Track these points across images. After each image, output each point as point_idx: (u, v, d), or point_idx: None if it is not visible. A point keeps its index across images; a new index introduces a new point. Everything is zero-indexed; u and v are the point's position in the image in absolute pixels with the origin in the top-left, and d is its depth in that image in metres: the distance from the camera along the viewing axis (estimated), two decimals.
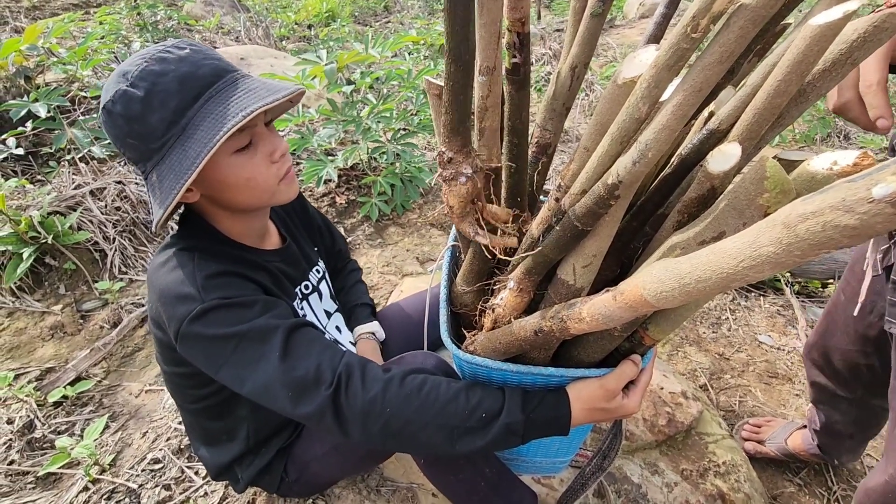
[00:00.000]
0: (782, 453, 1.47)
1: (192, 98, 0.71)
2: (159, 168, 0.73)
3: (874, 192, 0.23)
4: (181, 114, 0.71)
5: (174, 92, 0.70)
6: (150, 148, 0.72)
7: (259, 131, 0.79)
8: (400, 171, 2.56)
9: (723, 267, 0.33)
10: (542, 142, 0.86)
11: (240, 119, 0.69)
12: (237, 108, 0.70)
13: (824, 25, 0.43)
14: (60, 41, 3.14)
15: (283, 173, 0.82)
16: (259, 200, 0.83)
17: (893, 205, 0.23)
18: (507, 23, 0.59)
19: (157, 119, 0.70)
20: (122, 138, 0.73)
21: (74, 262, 1.96)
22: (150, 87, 0.69)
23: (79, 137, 2.36)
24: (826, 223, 0.26)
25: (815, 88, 0.53)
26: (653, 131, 0.43)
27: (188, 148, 0.70)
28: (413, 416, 0.71)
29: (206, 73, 0.73)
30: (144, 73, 0.69)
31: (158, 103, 0.70)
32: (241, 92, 0.73)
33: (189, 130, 0.71)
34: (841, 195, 0.25)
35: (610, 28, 6.18)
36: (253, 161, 0.78)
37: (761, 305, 2.09)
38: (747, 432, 1.55)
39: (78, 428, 1.49)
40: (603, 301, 0.49)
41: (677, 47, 0.39)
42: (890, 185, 0.23)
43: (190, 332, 0.73)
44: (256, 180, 0.79)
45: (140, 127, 0.71)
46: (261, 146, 0.79)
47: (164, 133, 0.71)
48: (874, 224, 0.24)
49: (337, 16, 6.16)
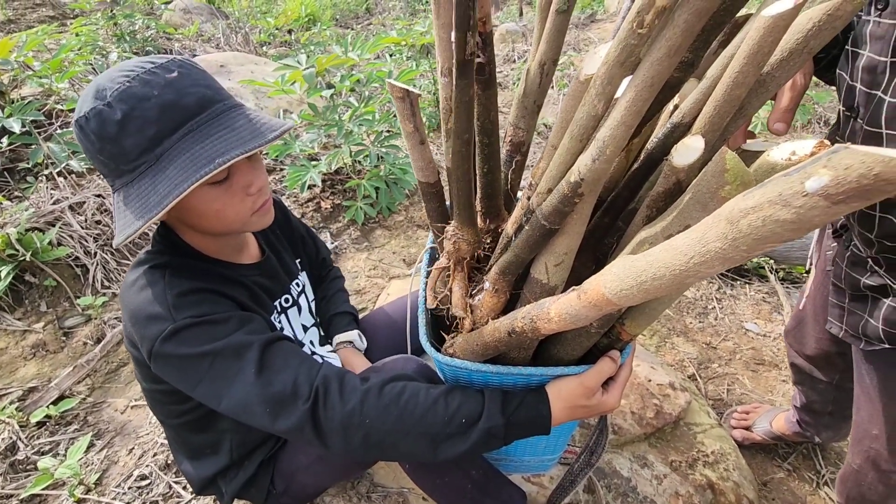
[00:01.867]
0: (769, 436, 1.48)
1: (171, 129, 0.67)
2: (127, 190, 0.70)
3: (807, 186, 0.23)
4: (157, 142, 0.67)
5: (153, 120, 0.66)
6: (121, 169, 0.70)
7: (238, 164, 0.75)
8: (384, 173, 2.55)
9: (675, 264, 0.33)
10: (515, 140, 0.86)
11: (216, 166, 0.65)
12: (216, 151, 0.67)
13: (777, 16, 0.43)
14: (36, 54, 3.08)
15: (257, 206, 0.79)
16: (228, 229, 0.80)
17: (826, 198, 0.22)
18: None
19: (131, 143, 0.67)
20: (94, 154, 0.70)
21: (55, 279, 1.93)
22: (128, 111, 0.65)
23: (55, 152, 2.32)
24: (766, 218, 0.25)
25: (774, 78, 0.53)
26: (609, 128, 0.43)
27: (158, 183, 0.67)
28: (393, 426, 0.70)
29: (189, 102, 0.68)
30: (125, 94, 0.65)
31: (135, 129, 0.66)
32: (223, 130, 0.69)
33: (163, 162, 0.67)
34: (778, 189, 0.25)
35: (591, 23, 6.21)
36: (227, 194, 0.75)
37: (747, 293, 2.10)
38: (736, 420, 1.56)
39: (62, 448, 1.46)
40: (568, 300, 0.49)
41: (626, 43, 0.39)
42: (822, 177, 0.22)
43: (162, 352, 0.72)
44: (226, 212, 0.76)
45: (112, 148, 0.68)
46: (237, 178, 0.75)
47: (137, 158, 0.68)
48: (811, 217, 0.24)
49: (318, 20, 6.13)
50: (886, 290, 0.81)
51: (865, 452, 0.97)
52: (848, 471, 1.04)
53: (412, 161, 0.72)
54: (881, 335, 0.83)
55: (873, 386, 0.91)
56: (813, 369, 1.24)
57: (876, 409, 0.92)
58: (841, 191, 0.22)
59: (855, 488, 1.03)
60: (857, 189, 0.21)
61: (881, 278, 0.81)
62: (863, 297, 0.87)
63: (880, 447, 0.93)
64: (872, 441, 0.95)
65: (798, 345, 1.24)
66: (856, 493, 1.03)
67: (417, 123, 0.65)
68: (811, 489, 1.44)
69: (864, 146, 0.21)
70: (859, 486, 1.02)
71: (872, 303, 0.85)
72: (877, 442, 0.94)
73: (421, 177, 0.74)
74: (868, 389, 0.93)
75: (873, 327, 0.84)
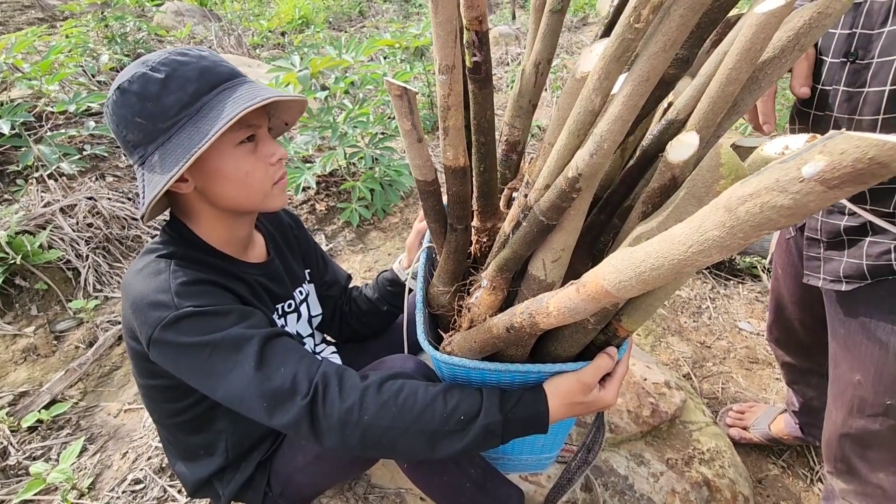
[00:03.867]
0: (766, 439, 1.49)
1: (209, 87, 0.75)
2: (164, 147, 0.74)
3: (804, 171, 0.24)
4: (197, 97, 0.74)
5: (193, 79, 0.74)
6: (158, 128, 0.73)
7: (262, 133, 0.82)
8: (379, 175, 2.55)
9: (673, 253, 0.33)
10: (511, 139, 0.87)
11: (259, 101, 0.72)
12: (252, 96, 0.74)
13: (768, 13, 0.44)
14: (25, 56, 3.06)
15: (277, 177, 0.84)
16: (250, 200, 0.83)
17: (822, 182, 0.23)
18: (465, 21, 0.59)
19: (172, 100, 0.73)
20: (130, 118, 0.73)
21: (46, 282, 1.90)
22: (170, 72, 0.73)
23: (46, 154, 2.30)
24: (763, 204, 0.26)
25: (767, 75, 0.54)
26: (606, 123, 0.43)
27: (201, 125, 0.72)
28: (391, 423, 0.70)
29: (223, 70, 0.77)
30: (166, 60, 0.73)
31: (177, 86, 0.73)
32: (253, 88, 0.77)
33: (203, 111, 0.74)
34: (775, 176, 0.26)
35: (583, 25, 6.26)
36: (253, 157, 0.80)
37: (740, 293, 2.12)
38: (731, 419, 1.57)
39: (54, 452, 1.44)
40: (567, 294, 0.49)
41: (622, 38, 0.39)
42: (818, 163, 0.23)
43: (162, 339, 0.72)
44: (253, 176, 0.81)
45: (153, 106, 0.72)
46: (261, 146, 0.82)
47: (177, 114, 0.73)
48: (807, 202, 0.24)
49: (311, 22, 6.13)
50: (865, 230, 0.86)
51: (849, 402, 0.98)
52: (831, 431, 1.05)
53: (409, 159, 0.72)
54: (865, 271, 0.87)
55: (851, 332, 0.93)
56: (803, 361, 1.26)
57: (855, 355, 0.94)
58: (836, 175, 0.22)
59: (827, 448, 1.06)
60: (852, 173, 0.22)
61: (859, 218, 0.86)
62: (839, 243, 0.91)
63: (864, 392, 0.94)
64: (856, 388, 0.96)
65: (783, 335, 1.26)
66: (840, 452, 1.05)
67: (415, 121, 0.65)
68: (805, 486, 1.46)
69: (857, 132, 0.22)
70: (830, 444, 1.05)
71: (850, 245, 0.89)
72: (860, 388, 0.95)
73: (418, 175, 0.74)
74: (845, 340, 0.95)
75: (855, 266, 0.88)
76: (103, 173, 2.48)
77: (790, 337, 1.24)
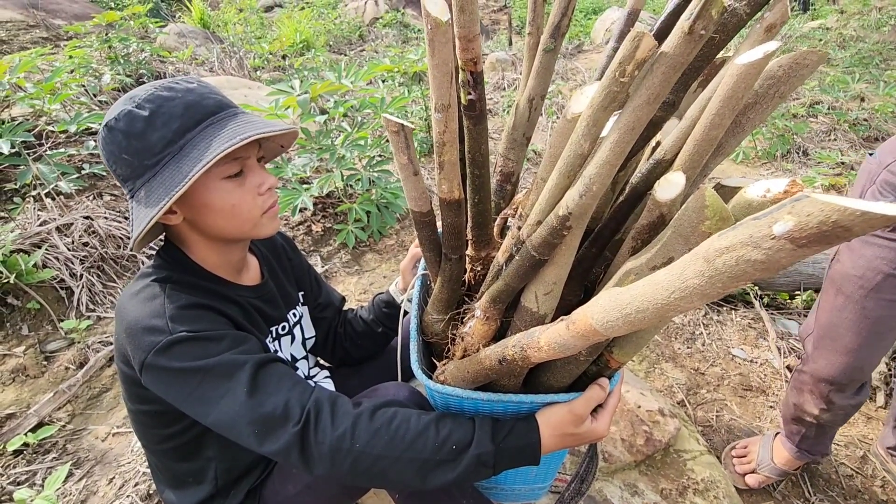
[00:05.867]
0: (779, 476, 1.46)
1: (193, 123, 0.75)
2: (149, 184, 0.74)
3: (775, 230, 0.25)
4: (181, 135, 0.74)
5: (178, 115, 0.74)
6: (144, 164, 0.74)
7: (250, 163, 0.82)
8: (376, 197, 2.57)
9: (657, 298, 0.34)
10: (505, 170, 0.89)
11: (238, 140, 0.72)
12: (235, 133, 0.74)
13: (748, 64, 0.47)
14: (28, 75, 3.10)
15: (267, 206, 0.84)
16: (239, 230, 0.83)
17: (791, 241, 0.24)
18: (461, 63, 0.61)
19: (156, 137, 0.73)
20: (118, 154, 0.75)
21: (39, 301, 1.89)
22: (155, 109, 0.73)
23: (44, 173, 2.31)
24: (739, 258, 0.27)
25: (749, 120, 0.56)
26: (595, 166, 0.45)
27: (182, 165, 0.73)
28: (383, 452, 0.70)
29: (209, 104, 0.77)
30: (152, 96, 0.74)
31: (161, 123, 0.73)
32: (240, 122, 0.77)
33: (186, 149, 0.74)
34: (749, 231, 0.27)
35: (578, 53, 6.42)
36: (240, 189, 0.80)
37: (733, 319, 2.13)
38: (740, 465, 1.52)
39: (39, 477, 1.41)
40: (557, 330, 0.50)
41: (609, 90, 0.41)
42: (787, 222, 0.24)
43: (155, 363, 0.72)
44: (241, 208, 0.81)
45: (138, 143, 0.73)
46: (250, 177, 0.82)
47: (161, 151, 0.74)
48: (779, 259, 0.26)
49: (311, 46, 6.25)
50: None
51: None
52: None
53: (405, 191, 0.74)
54: None
55: None
56: None
57: None
58: (804, 235, 0.24)
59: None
60: (818, 234, 0.23)
61: None
62: None
63: None
64: None
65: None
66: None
67: (411, 156, 0.67)
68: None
69: (823, 195, 0.23)
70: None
71: None
72: None
73: (414, 206, 0.76)
74: None
75: None
76: (101, 192, 2.49)
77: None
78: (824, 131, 3.89)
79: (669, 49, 0.39)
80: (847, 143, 3.75)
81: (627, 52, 0.37)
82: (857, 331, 1.14)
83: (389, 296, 1.18)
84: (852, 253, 1.13)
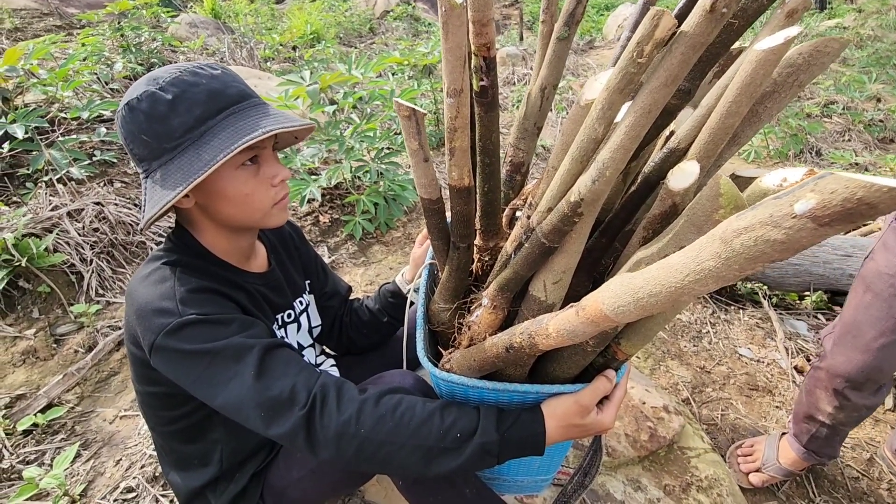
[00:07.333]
0: (784, 475, 1.45)
1: (216, 111, 0.75)
2: (166, 167, 0.75)
3: (796, 208, 0.25)
4: (202, 122, 0.74)
5: (201, 102, 0.74)
6: (163, 147, 0.74)
7: (266, 154, 0.82)
8: (384, 189, 2.57)
9: (671, 281, 0.34)
10: (515, 160, 0.88)
11: (259, 133, 0.73)
12: (256, 125, 0.75)
13: (768, 50, 0.46)
14: (41, 62, 3.12)
15: (279, 198, 0.85)
16: (250, 219, 0.84)
17: (813, 219, 0.24)
18: (474, 48, 0.61)
19: (178, 122, 0.73)
20: (137, 134, 0.75)
21: (49, 285, 1.91)
22: (179, 94, 0.73)
23: (57, 158, 2.33)
24: (758, 238, 0.27)
25: (766, 109, 0.55)
26: (609, 151, 0.45)
27: (203, 152, 0.73)
28: (387, 438, 0.70)
29: (232, 93, 0.77)
30: (176, 80, 0.73)
31: (184, 109, 0.73)
32: (261, 114, 0.78)
33: (206, 137, 0.74)
34: (769, 211, 0.26)
35: (590, 49, 6.37)
36: (254, 179, 0.81)
37: (740, 318, 2.12)
38: (744, 464, 1.51)
39: (48, 457, 1.43)
40: (567, 316, 0.50)
41: (626, 71, 0.41)
42: (809, 201, 0.24)
43: (164, 345, 0.73)
44: (253, 198, 0.81)
45: (159, 126, 0.73)
46: (264, 167, 0.82)
47: (181, 136, 0.74)
48: (799, 238, 0.25)
49: (322, 37, 6.24)
50: None
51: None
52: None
53: (415, 178, 0.73)
54: None
55: None
56: None
57: None
58: (827, 213, 0.23)
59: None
60: (841, 212, 0.23)
61: None
62: None
63: None
64: None
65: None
66: None
67: (422, 141, 0.67)
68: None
69: (847, 172, 0.23)
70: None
71: None
72: None
73: (423, 193, 0.76)
74: None
75: None
76: (111, 179, 2.51)
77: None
78: (838, 131, 3.84)
79: (689, 28, 0.38)
80: (862, 143, 3.69)
81: (646, 31, 0.36)
82: (880, 329, 1.14)
83: (395, 286, 1.18)
84: (888, 252, 1.13)
